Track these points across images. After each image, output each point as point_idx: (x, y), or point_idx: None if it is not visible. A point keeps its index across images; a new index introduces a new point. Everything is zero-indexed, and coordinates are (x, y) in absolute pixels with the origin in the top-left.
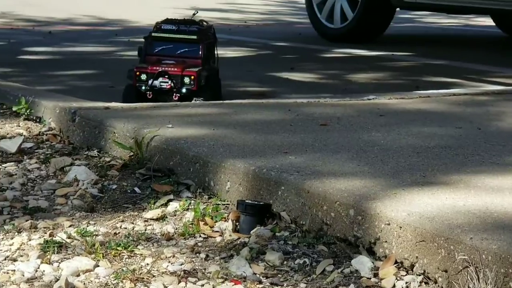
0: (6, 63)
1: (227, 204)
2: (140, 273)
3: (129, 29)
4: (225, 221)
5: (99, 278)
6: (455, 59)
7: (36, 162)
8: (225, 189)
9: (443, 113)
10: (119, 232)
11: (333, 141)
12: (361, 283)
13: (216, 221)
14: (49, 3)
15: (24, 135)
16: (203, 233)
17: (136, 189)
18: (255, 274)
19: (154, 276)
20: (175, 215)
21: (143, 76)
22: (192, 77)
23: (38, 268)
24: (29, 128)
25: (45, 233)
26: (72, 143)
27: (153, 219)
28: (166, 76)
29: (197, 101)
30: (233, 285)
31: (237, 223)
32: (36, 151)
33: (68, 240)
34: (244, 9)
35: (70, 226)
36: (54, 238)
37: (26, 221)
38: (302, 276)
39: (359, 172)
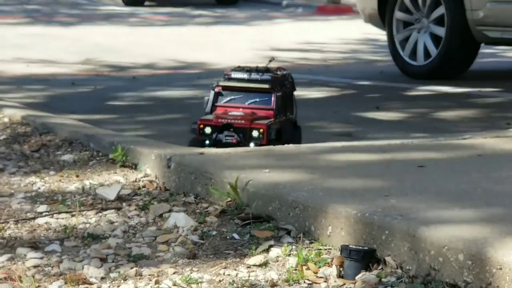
0: (95, 109)
1: (329, 248)
2: None
3: (211, 72)
4: (328, 266)
5: None
6: None
7: (135, 209)
8: (326, 234)
9: None
10: (223, 279)
11: (433, 184)
12: None
13: (320, 267)
14: (131, 49)
15: (122, 182)
16: (307, 279)
17: (235, 235)
18: None
19: None
20: (277, 261)
21: (207, 130)
22: (261, 130)
23: None
24: (125, 175)
25: (151, 280)
26: (168, 189)
27: (255, 265)
28: (232, 130)
29: (290, 146)
30: None
31: (341, 269)
32: (134, 197)
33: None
34: (324, 48)
35: (174, 273)
36: (160, 286)
37: (131, 268)
38: None
39: (464, 215)
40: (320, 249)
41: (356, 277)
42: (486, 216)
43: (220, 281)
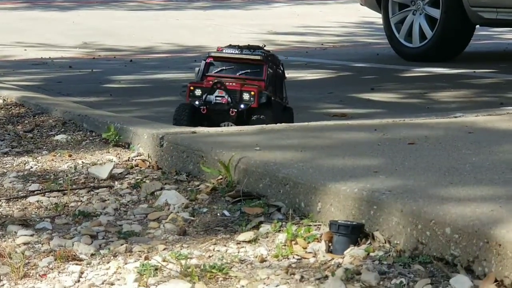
0: (91, 92)
1: (318, 225)
2: None
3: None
4: (317, 242)
5: None
6: None
7: (127, 187)
8: (316, 210)
9: None
10: (212, 255)
11: (422, 160)
12: None
13: (309, 242)
14: (128, 32)
15: (114, 161)
16: (297, 255)
17: (226, 212)
18: None
19: None
20: (267, 237)
21: (198, 91)
22: (252, 92)
23: None
24: (118, 154)
25: (140, 256)
26: (161, 168)
27: (245, 242)
28: (223, 90)
29: (282, 124)
30: None
31: (330, 244)
32: (126, 176)
33: (164, 263)
34: (321, 31)
35: (164, 249)
36: (149, 262)
37: (121, 245)
38: None
39: (452, 190)
40: (309, 225)
41: (345, 252)
42: (475, 191)
43: (209, 257)
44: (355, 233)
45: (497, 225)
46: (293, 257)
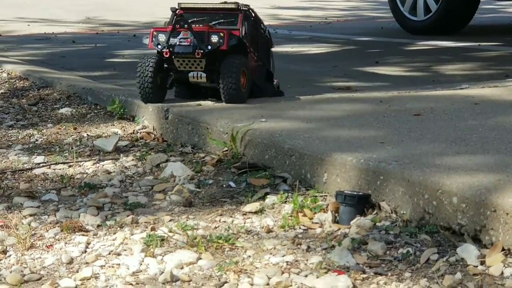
0: (95, 66)
1: (324, 195)
2: (243, 265)
3: None
4: (324, 212)
5: (203, 270)
6: None
7: (132, 160)
8: (322, 181)
9: None
10: (218, 226)
11: (429, 131)
12: (467, 271)
13: (315, 213)
14: (131, 7)
15: (119, 134)
16: (303, 225)
17: (232, 183)
18: (358, 264)
19: (257, 267)
20: (273, 208)
21: (161, 36)
22: (222, 34)
23: (143, 261)
24: (123, 127)
25: (147, 227)
26: (166, 140)
27: (251, 213)
28: (187, 31)
29: (288, 97)
30: (337, 275)
31: (337, 214)
32: (132, 149)
33: (170, 234)
34: (325, 6)
35: (170, 220)
36: (156, 233)
37: (127, 216)
38: (406, 266)
39: (459, 160)
40: (315, 196)
41: (351, 222)
42: (481, 161)
43: (216, 227)
44: (361, 203)
45: (505, 194)
46: (300, 228)
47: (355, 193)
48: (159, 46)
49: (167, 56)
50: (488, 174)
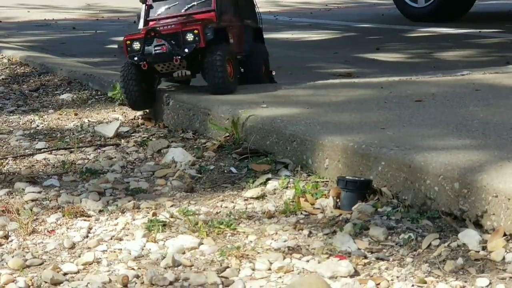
0: (95, 53)
1: (326, 181)
2: (245, 250)
3: None
4: (325, 198)
5: (205, 255)
6: None
7: (133, 145)
8: (323, 166)
9: None
10: (220, 211)
11: (430, 116)
12: (469, 256)
13: (317, 198)
14: None
15: (120, 120)
16: (304, 211)
17: (233, 169)
18: (360, 249)
19: (258, 252)
20: (274, 194)
21: (136, 45)
22: (196, 31)
23: (144, 246)
24: (124, 113)
25: (148, 213)
26: (167, 126)
27: (253, 198)
28: (161, 38)
29: (289, 83)
30: (338, 260)
31: (338, 200)
32: (133, 134)
33: (171, 219)
34: None
35: (171, 206)
36: (157, 218)
37: (129, 201)
38: (408, 251)
39: (461, 145)
40: (317, 182)
41: (353, 208)
42: (483, 146)
43: (217, 213)
44: (363, 189)
45: (506, 179)
46: (301, 213)
47: (356, 178)
48: (136, 59)
49: (145, 68)
50: (489, 160)
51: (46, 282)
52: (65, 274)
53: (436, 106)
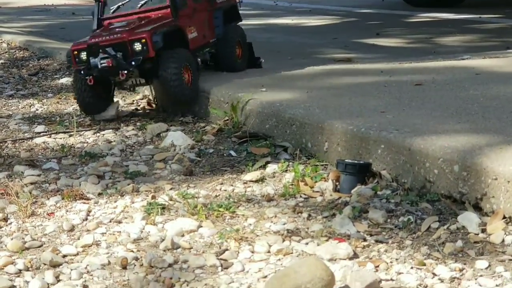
0: None
1: (325, 164)
2: (244, 233)
3: None
4: (324, 181)
5: (204, 238)
6: None
7: (132, 129)
8: (323, 150)
9: None
10: (219, 194)
11: (430, 100)
12: (468, 239)
13: (316, 182)
14: None
15: (120, 104)
16: (304, 194)
17: (232, 152)
18: (359, 232)
19: (257, 235)
20: (274, 177)
21: (83, 55)
22: (143, 40)
23: (143, 229)
24: (123, 96)
25: (147, 196)
26: (166, 110)
27: (252, 181)
28: (106, 50)
29: (288, 68)
30: (337, 243)
31: (337, 183)
32: (132, 118)
33: (171, 202)
34: None
35: (171, 189)
36: (156, 201)
37: (128, 185)
38: (407, 233)
39: (460, 128)
40: (316, 165)
41: (352, 191)
42: (483, 129)
43: (216, 196)
44: (362, 172)
45: (506, 162)
46: (300, 196)
47: (356, 161)
48: (82, 73)
49: (92, 83)
50: (489, 143)
51: (45, 264)
52: (64, 256)
53: (436, 90)
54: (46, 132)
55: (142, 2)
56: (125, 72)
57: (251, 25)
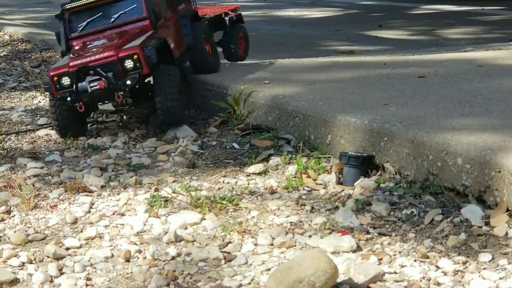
0: None
1: (328, 157)
2: (247, 226)
3: None
4: (328, 173)
5: (207, 231)
6: None
7: (135, 122)
8: (326, 142)
9: None
10: (222, 187)
11: (433, 92)
12: (472, 231)
13: (319, 174)
14: None
15: None
16: (307, 186)
17: (235, 145)
18: (362, 224)
19: (261, 228)
20: (277, 169)
21: (65, 81)
22: (135, 56)
23: (146, 221)
24: None
25: (150, 188)
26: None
27: (255, 174)
28: (95, 73)
29: (291, 59)
30: (341, 236)
31: (340, 175)
32: (135, 111)
33: (174, 195)
34: None
35: (173, 181)
36: (159, 193)
37: (131, 177)
38: (410, 226)
39: (463, 121)
40: (319, 157)
41: (355, 183)
42: (486, 122)
43: (219, 188)
44: (365, 164)
45: (509, 154)
46: (303, 189)
47: (359, 154)
48: (69, 100)
49: (82, 110)
50: (492, 135)
51: (48, 257)
52: (67, 249)
53: (439, 82)
54: (48, 124)
55: (115, 16)
56: (121, 93)
57: (253, 16)
